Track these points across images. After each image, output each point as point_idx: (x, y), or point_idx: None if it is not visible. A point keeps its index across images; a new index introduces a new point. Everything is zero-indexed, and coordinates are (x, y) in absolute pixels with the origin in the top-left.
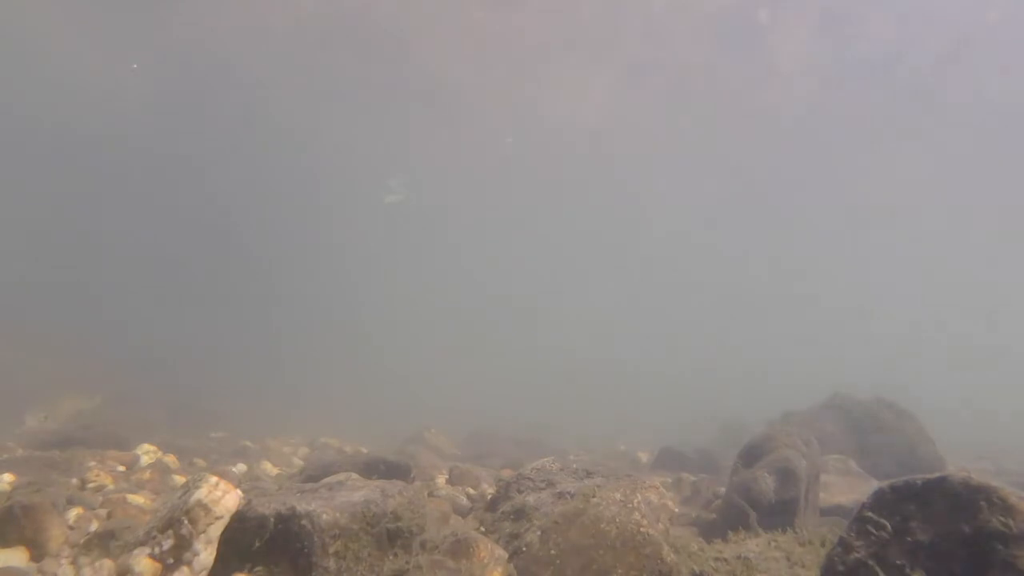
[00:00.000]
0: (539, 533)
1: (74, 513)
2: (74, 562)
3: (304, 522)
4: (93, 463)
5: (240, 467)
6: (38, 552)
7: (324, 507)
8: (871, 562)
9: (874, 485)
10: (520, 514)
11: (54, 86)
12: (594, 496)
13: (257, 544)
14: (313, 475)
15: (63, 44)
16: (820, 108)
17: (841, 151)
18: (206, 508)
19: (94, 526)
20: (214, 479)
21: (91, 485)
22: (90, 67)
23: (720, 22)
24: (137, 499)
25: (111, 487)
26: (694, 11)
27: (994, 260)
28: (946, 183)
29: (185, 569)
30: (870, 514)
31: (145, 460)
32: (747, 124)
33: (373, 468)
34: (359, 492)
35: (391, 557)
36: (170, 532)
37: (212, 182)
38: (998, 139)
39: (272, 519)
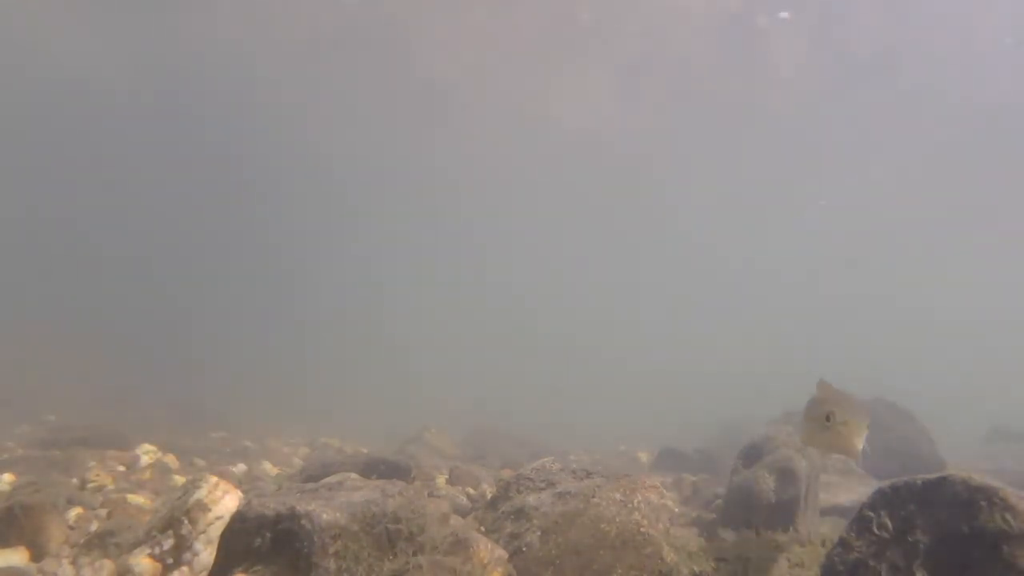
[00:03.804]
0: (539, 533)
1: (74, 513)
2: (74, 562)
3: (304, 522)
4: (93, 463)
5: (240, 467)
6: (38, 552)
7: (324, 507)
8: (871, 562)
9: (874, 485)
10: (520, 514)
11: (56, 83)
12: (594, 496)
13: (257, 544)
14: (313, 475)
15: (63, 41)
16: (820, 110)
17: (840, 154)
18: (206, 508)
19: (94, 526)
20: (214, 479)
21: (91, 485)
22: (92, 65)
23: (720, 24)
24: (137, 499)
25: (111, 487)
26: (694, 13)
27: (995, 260)
28: (944, 185)
29: (185, 569)
30: (870, 514)
31: (145, 460)
32: (748, 126)
33: (373, 468)
34: (359, 492)
35: (391, 557)
36: (170, 532)
37: (214, 182)
38: (997, 141)
39: (272, 519)
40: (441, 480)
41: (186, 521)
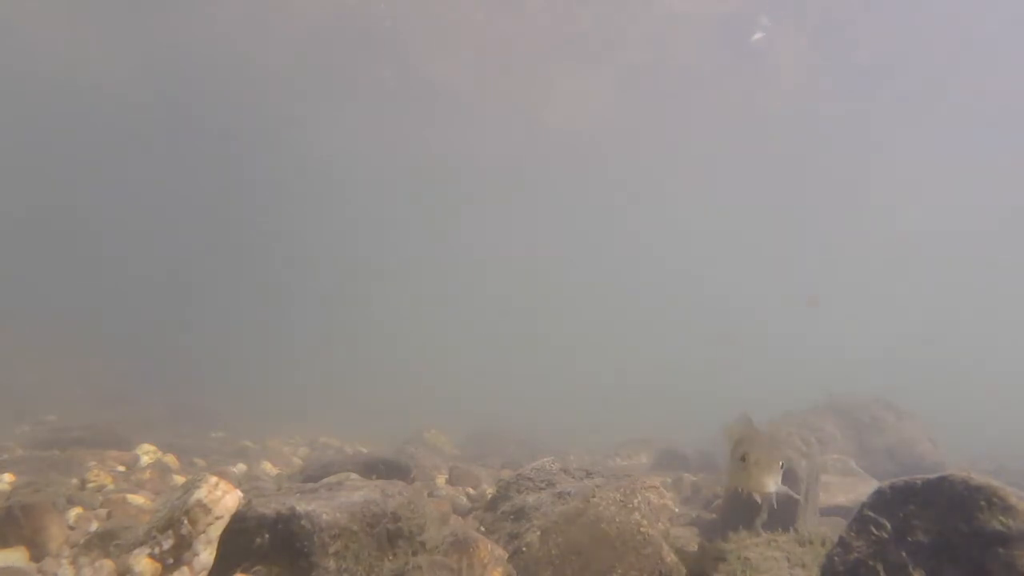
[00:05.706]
0: (539, 533)
1: (74, 513)
2: (74, 562)
3: (304, 522)
4: (93, 463)
5: (240, 467)
6: (38, 552)
7: (324, 507)
8: (871, 562)
9: (874, 485)
10: (520, 514)
11: (57, 81)
12: (594, 496)
13: (257, 544)
14: (313, 475)
15: (62, 40)
16: (820, 114)
17: (839, 155)
18: (206, 508)
19: (94, 526)
20: (214, 479)
21: (91, 485)
22: (92, 63)
23: (719, 28)
24: (137, 499)
25: (111, 487)
26: (694, 16)
27: (996, 265)
28: (941, 188)
29: (185, 569)
30: (870, 514)
31: (145, 460)
32: (747, 128)
33: (373, 468)
34: (359, 492)
35: (391, 557)
36: (170, 532)
37: (213, 181)
38: (996, 144)
39: (272, 519)
40: (441, 480)
41: (186, 521)
